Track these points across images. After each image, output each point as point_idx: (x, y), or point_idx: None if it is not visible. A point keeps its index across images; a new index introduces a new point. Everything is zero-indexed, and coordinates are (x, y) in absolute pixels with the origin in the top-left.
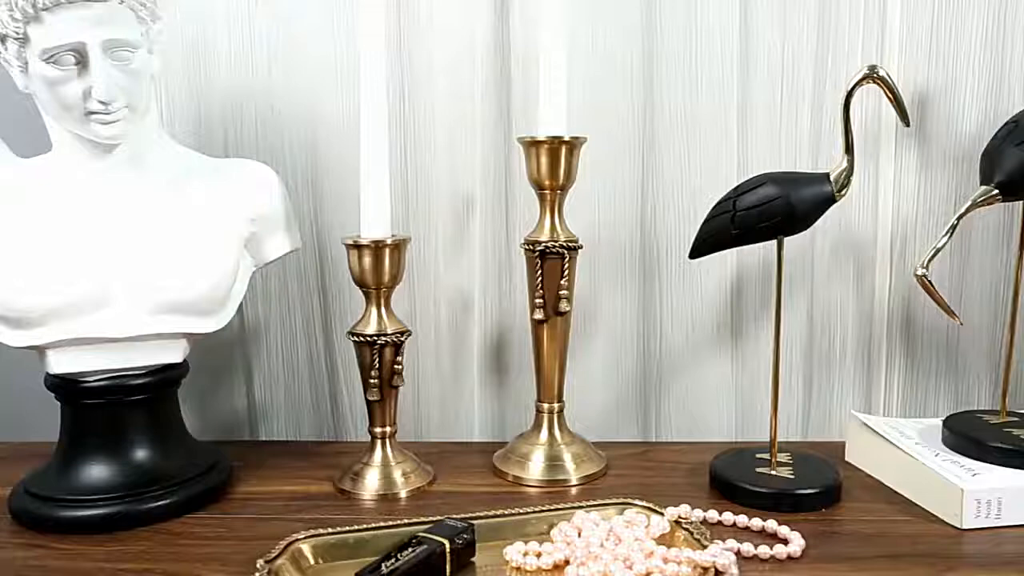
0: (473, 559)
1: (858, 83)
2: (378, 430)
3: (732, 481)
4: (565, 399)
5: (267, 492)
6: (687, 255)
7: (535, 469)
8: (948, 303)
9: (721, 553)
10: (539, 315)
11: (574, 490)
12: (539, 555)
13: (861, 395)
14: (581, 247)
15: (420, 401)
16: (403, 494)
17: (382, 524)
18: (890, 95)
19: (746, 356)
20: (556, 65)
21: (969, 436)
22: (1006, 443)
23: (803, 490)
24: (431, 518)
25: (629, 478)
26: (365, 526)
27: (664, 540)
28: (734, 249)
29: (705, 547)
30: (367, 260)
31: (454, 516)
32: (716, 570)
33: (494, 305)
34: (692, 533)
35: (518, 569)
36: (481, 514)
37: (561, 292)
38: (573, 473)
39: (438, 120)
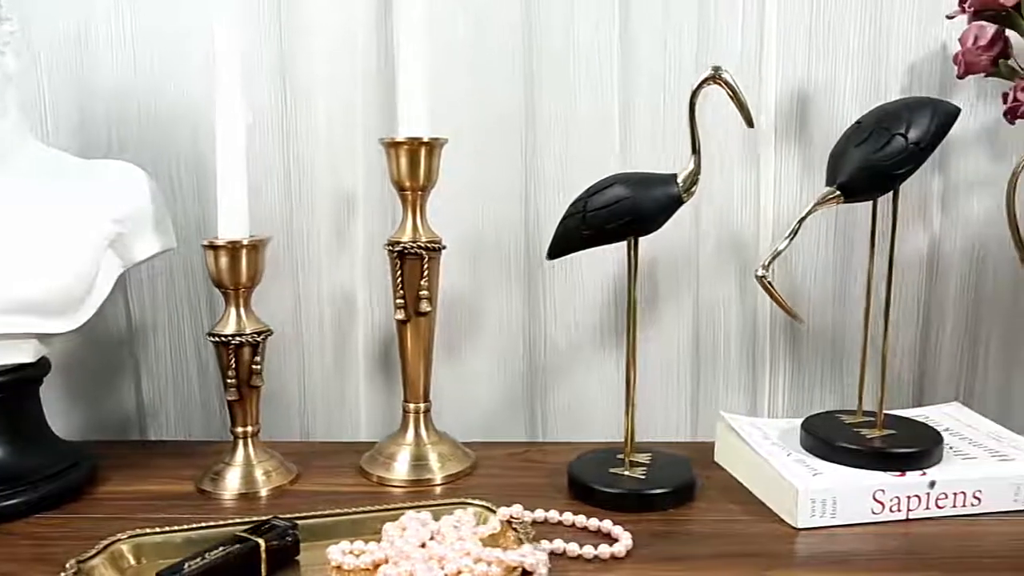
0: (298, 558)
1: (702, 84)
2: (239, 430)
3: (584, 481)
4: (450, 399)
5: (128, 492)
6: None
7: (400, 469)
8: (791, 305)
9: (531, 553)
10: (400, 315)
11: (438, 489)
12: (359, 554)
13: (747, 395)
14: (444, 247)
15: (306, 400)
16: (263, 493)
17: (210, 524)
18: (733, 97)
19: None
20: (415, 65)
21: (820, 436)
22: (852, 443)
23: (652, 490)
24: (260, 518)
25: (495, 478)
26: (191, 526)
27: (493, 540)
28: (615, 248)
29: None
30: (223, 261)
31: (282, 516)
32: (524, 570)
33: (379, 303)
34: (519, 533)
35: (338, 568)
36: (316, 513)
37: (421, 293)
38: (438, 472)
39: (319, 116)
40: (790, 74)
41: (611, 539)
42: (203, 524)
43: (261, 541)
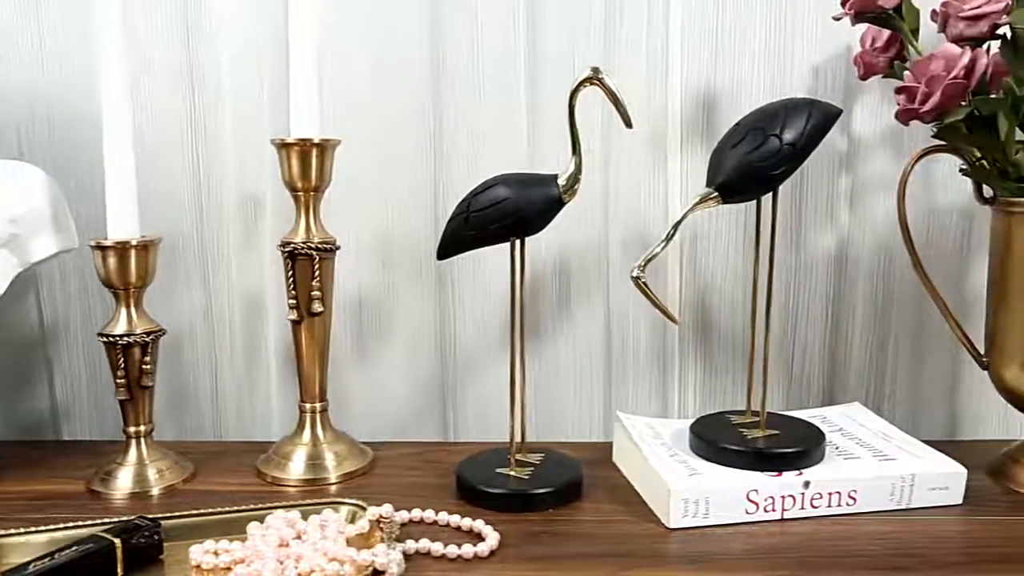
0: (162, 557)
1: (580, 85)
2: (132, 429)
3: (468, 481)
4: (363, 399)
5: (18, 492)
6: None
7: (294, 469)
8: (665, 306)
9: (383, 553)
10: (293, 315)
11: (333, 488)
12: (219, 554)
13: (658, 395)
14: (338, 248)
15: (218, 400)
16: (155, 492)
17: (78, 523)
18: (611, 98)
19: (543, 356)
20: (305, 65)
21: (704, 437)
22: (734, 444)
23: (534, 490)
24: (126, 517)
25: (391, 477)
26: (57, 526)
27: (362, 539)
28: (527, 250)
29: (390, 547)
30: (112, 261)
31: (147, 516)
32: (375, 570)
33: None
34: (384, 533)
35: (198, 567)
36: (189, 513)
37: (313, 293)
38: (333, 472)
39: (227, 117)
40: (696, 75)
41: (481, 539)
42: (70, 524)
43: (117, 541)
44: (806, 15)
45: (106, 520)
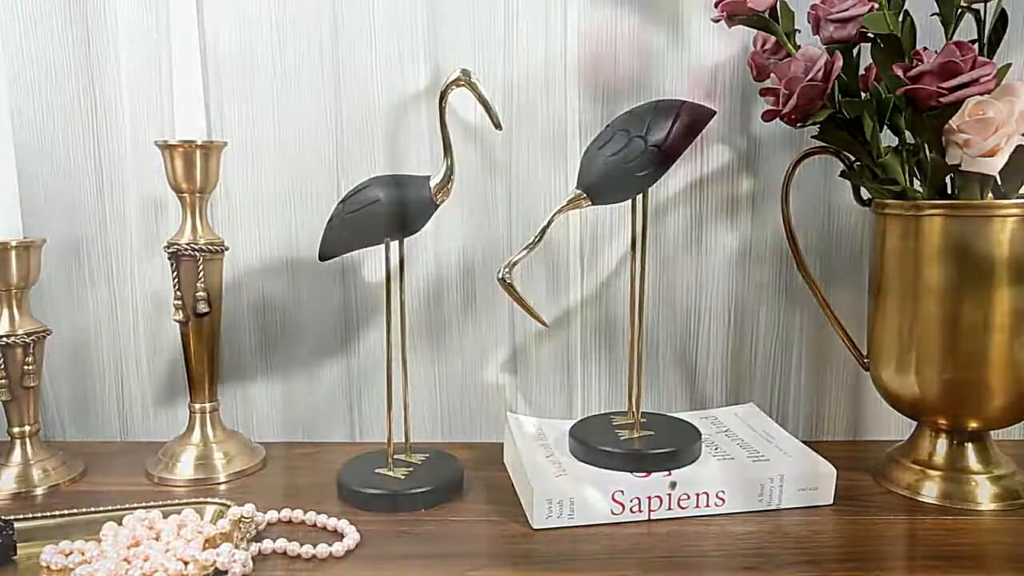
0: (15, 557)
1: (449, 87)
2: (16, 430)
3: (344, 481)
4: (269, 399)
5: None
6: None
7: (182, 469)
8: (532, 307)
9: (226, 553)
10: (179, 316)
11: (223, 487)
12: (68, 554)
13: (563, 395)
14: (226, 249)
15: (124, 402)
16: (39, 492)
17: None
18: (480, 99)
19: (449, 356)
20: (190, 69)
21: (579, 439)
22: (606, 445)
23: (407, 491)
24: None
25: (277, 477)
26: None
27: (225, 538)
28: (431, 249)
29: (238, 547)
30: None
31: (4, 517)
32: (217, 569)
33: None
34: (241, 532)
35: (47, 568)
36: (52, 514)
37: (198, 294)
38: (222, 471)
39: (127, 118)
40: (595, 76)
41: (342, 539)
42: None
43: None
44: (705, 16)
45: None
